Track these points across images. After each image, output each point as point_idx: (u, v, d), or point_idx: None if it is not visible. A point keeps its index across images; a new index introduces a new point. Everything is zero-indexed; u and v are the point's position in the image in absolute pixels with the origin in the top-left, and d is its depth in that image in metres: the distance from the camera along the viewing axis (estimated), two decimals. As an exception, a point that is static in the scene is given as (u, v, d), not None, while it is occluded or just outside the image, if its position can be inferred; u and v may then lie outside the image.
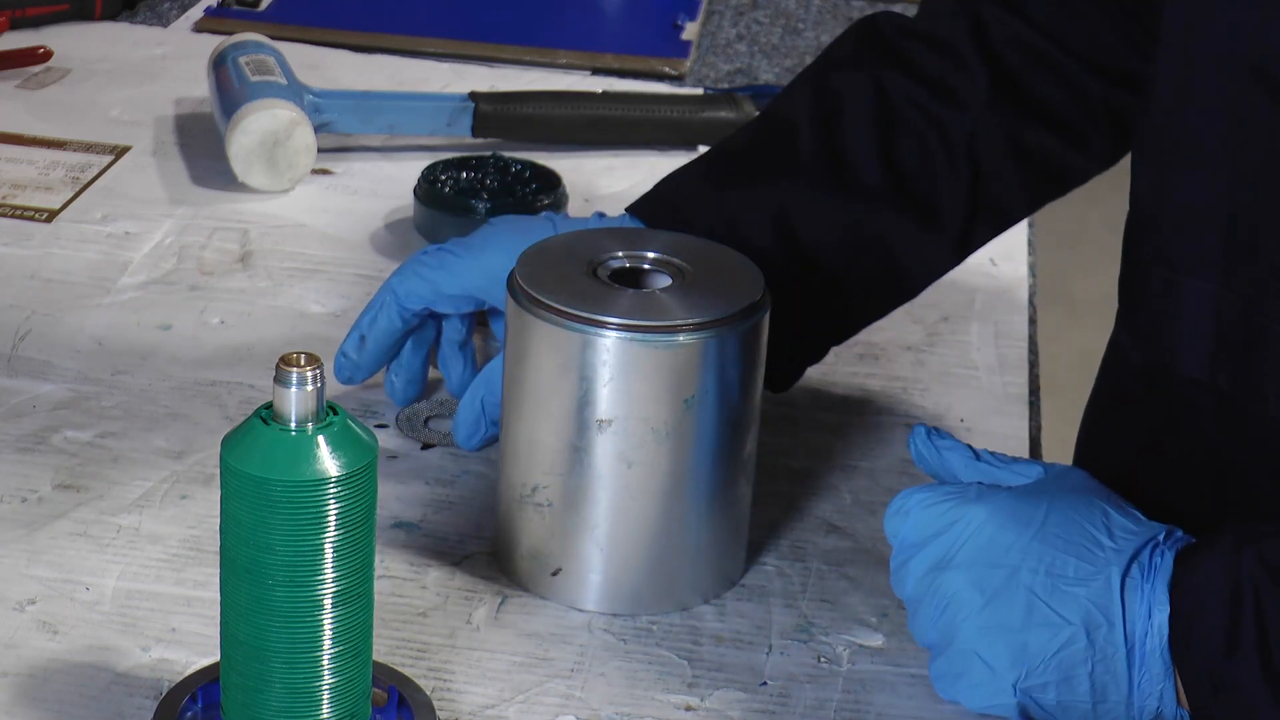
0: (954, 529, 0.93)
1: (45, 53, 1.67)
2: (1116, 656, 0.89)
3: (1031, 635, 0.90)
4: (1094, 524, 0.92)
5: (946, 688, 0.93)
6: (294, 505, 0.81)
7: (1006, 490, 0.94)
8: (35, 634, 0.97)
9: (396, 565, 1.04)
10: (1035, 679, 0.90)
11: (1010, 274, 1.41)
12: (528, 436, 1.01)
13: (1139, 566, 0.90)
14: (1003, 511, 0.92)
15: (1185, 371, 0.99)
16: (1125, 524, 0.92)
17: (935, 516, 0.94)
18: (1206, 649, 0.87)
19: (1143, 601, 0.89)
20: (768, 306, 1.01)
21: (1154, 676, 0.89)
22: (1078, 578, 0.90)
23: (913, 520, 0.94)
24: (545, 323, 0.98)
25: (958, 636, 0.92)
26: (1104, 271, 1.42)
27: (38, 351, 1.23)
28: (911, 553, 0.94)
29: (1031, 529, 0.92)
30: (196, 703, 0.90)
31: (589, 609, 1.01)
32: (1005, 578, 0.91)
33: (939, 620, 0.92)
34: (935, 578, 0.93)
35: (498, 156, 1.42)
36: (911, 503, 0.95)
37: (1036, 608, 0.90)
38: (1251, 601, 0.86)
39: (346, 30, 1.78)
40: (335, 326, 1.28)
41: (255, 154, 1.44)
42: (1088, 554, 0.91)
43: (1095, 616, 0.89)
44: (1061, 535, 0.91)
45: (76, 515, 1.06)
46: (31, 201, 1.43)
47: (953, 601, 0.92)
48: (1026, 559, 0.91)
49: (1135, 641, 0.89)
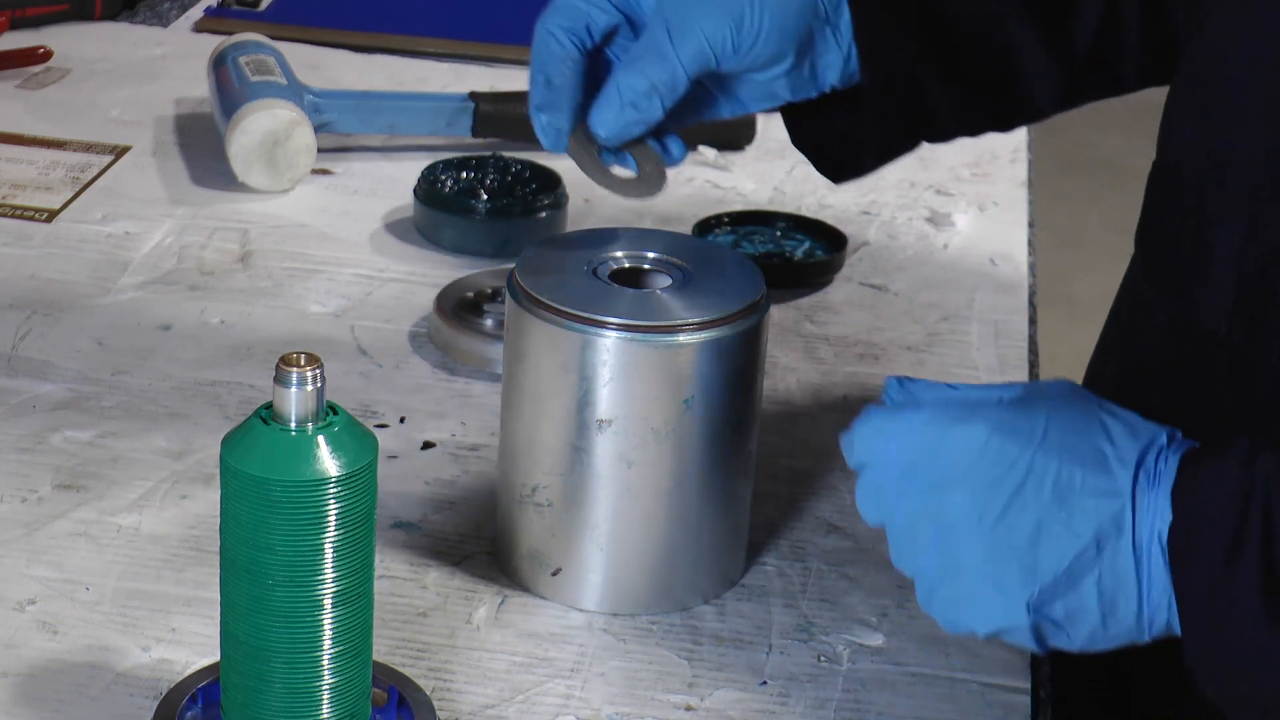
0: (947, 448, 0.88)
1: (45, 53, 1.67)
2: (1125, 565, 0.86)
3: (1042, 551, 0.86)
4: (1094, 431, 0.88)
5: (952, 616, 0.89)
6: (294, 505, 0.81)
7: (996, 404, 0.90)
8: (35, 634, 0.97)
9: (396, 565, 1.04)
10: (1045, 594, 0.86)
11: (1010, 274, 1.41)
12: (528, 436, 1.01)
13: (1145, 472, 0.86)
14: (1000, 427, 0.88)
15: (1205, 324, 0.98)
16: (1123, 429, 0.88)
17: (925, 437, 0.89)
18: (1206, 555, 0.84)
19: (1150, 508, 0.86)
20: (768, 306, 1.01)
21: (1161, 586, 0.85)
22: (1085, 488, 0.86)
23: (900, 441, 0.89)
24: (545, 323, 0.98)
25: (964, 560, 0.87)
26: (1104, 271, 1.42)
27: (38, 351, 1.23)
28: (896, 474, 0.89)
29: (1033, 442, 0.87)
30: (196, 703, 0.90)
31: (589, 609, 1.01)
32: (1010, 495, 0.87)
33: (938, 544, 0.88)
34: (931, 500, 0.88)
35: (498, 156, 1.42)
36: (897, 423, 0.90)
37: (1046, 524, 0.86)
38: (1260, 508, 0.83)
39: (346, 30, 1.78)
40: (335, 326, 1.28)
41: (255, 154, 1.44)
42: (1094, 463, 0.87)
43: (1106, 527, 0.86)
44: (1064, 445, 0.87)
45: (76, 515, 1.06)
46: (31, 201, 1.43)
47: (955, 524, 0.87)
48: (1031, 473, 0.87)
49: (1141, 549, 0.86)
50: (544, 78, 1.04)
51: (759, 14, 1.02)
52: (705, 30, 1.02)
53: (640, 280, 1.02)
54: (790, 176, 1.54)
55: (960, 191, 1.54)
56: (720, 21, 1.02)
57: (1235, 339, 0.96)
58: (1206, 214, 0.97)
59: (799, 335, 1.31)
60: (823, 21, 1.05)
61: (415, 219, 1.42)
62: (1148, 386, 1.03)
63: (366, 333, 1.27)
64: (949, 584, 0.89)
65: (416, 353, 1.25)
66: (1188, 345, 0.98)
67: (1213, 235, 0.97)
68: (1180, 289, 0.99)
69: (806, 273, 1.38)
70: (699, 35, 1.02)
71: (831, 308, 1.35)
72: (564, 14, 1.04)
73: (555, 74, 1.04)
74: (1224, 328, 0.96)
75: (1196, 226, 0.98)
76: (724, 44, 1.02)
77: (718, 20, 1.02)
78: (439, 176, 1.40)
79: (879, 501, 0.90)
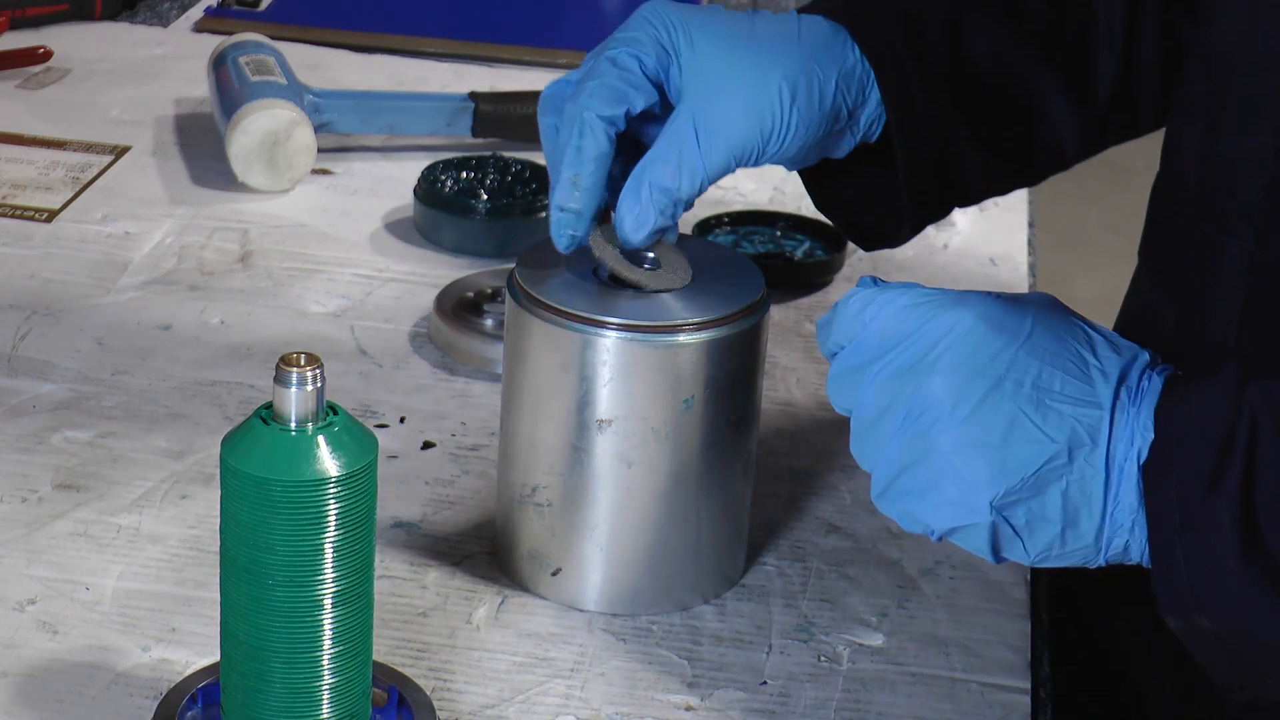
0: (929, 331, 0.85)
1: (45, 53, 1.67)
2: (1094, 479, 0.84)
3: (1012, 451, 0.84)
4: (1078, 340, 0.86)
5: (909, 507, 0.86)
6: (294, 505, 0.81)
7: (986, 294, 0.88)
8: (35, 634, 0.97)
9: (396, 565, 1.04)
10: (1010, 496, 0.84)
11: (1010, 274, 1.41)
12: (528, 436, 1.01)
13: (1127, 389, 0.85)
14: (987, 318, 0.86)
15: (1214, 336, 0.97)
16: (1106, 343, 0.86)
17: (908, 319, 0.86)
18: (1183, 481, 0.82)
19: (1128, 425, 0.84)
20: (768, 306, 1.01)
21: (1127, 507, 0.84)
22: (1064, 394, 0.84)
23: (880, 322, 0.87)
24: (545, 323, 0.98)
25: (931, 449, 0.85)
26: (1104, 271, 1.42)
27: (38, 351, 1.23)
28: (872, 356, 0.86)
29: (1019, 339, 0.85)
30: (196, 703, 0.90)
31: (589, 609, 1.01)
32: (988, 388, 0.84)
33: (906, 430, 0.85)
34: (905, 383, 0.85)
35: (498, 156, 1.43)
36: (879, 304, 0.87)
37: (1020, 423, 0.84)
38: (1246, 440, 0.81)
39: (346, 30, 1.78)
40: (335, 326, 1.28)
41: (255, 154, 1.44)
42: (1075, 370, 0.85)
43: (1080, 436, 0.84)
44: (1048, 348, 0.85)
45: (76, 515, 1.06)
46: (31, 201, 1.43)
47: (927, 410, 0.85)
48: (1012, 370, 0.84)
49: (1114, 465, 0.84)
50: (573, 174, 0.98)
51: (788, 115, 0.99)
52: (733, 136, 0.98)
53: (640, 280, 1.02)
54: (790, 176, 1.54)
55: (960, 191, 1.54)
56: (749, 126, 0.99)
57: (1244, 348, 0.96)
58: (1215, 222, 0.97)
59: (799, 335, 1.31)
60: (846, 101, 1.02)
61: (415, 219, 1.42)
62: None
63: (366, 333, 1.27)
64: (910, 474, 0.86)
65: (416, 353, 1.25)
66: (1196, 354, 0.98)
67: (1222, 244, 0.97)
68: (1188, 298, 0.99)
69: (806, 273, 1.38)
70: (726, 141, 0.98)
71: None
72: (605, 98, 0.98)
73: (586, 174, 0.98)
74: (1233, 337, 0.96)
75: (1205, 235, 0.98)
76: (751, 150, 0.99)
77: (747, 124, 0.99)
78: (439, 176, 1.40)
79: (850, 384, 0.88)
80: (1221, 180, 0.97)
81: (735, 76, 0.99)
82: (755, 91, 0.99)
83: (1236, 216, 0.96)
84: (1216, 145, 0.98)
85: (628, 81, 0.99)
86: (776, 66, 0.99)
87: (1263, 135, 0.94)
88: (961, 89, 1.06)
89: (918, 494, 0.85)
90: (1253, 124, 0.95)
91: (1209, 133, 0.99)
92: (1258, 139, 0.94)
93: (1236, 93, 0.97)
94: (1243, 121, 0.96)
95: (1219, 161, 0.98)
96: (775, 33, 1.01)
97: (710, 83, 0.99)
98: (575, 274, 1.00)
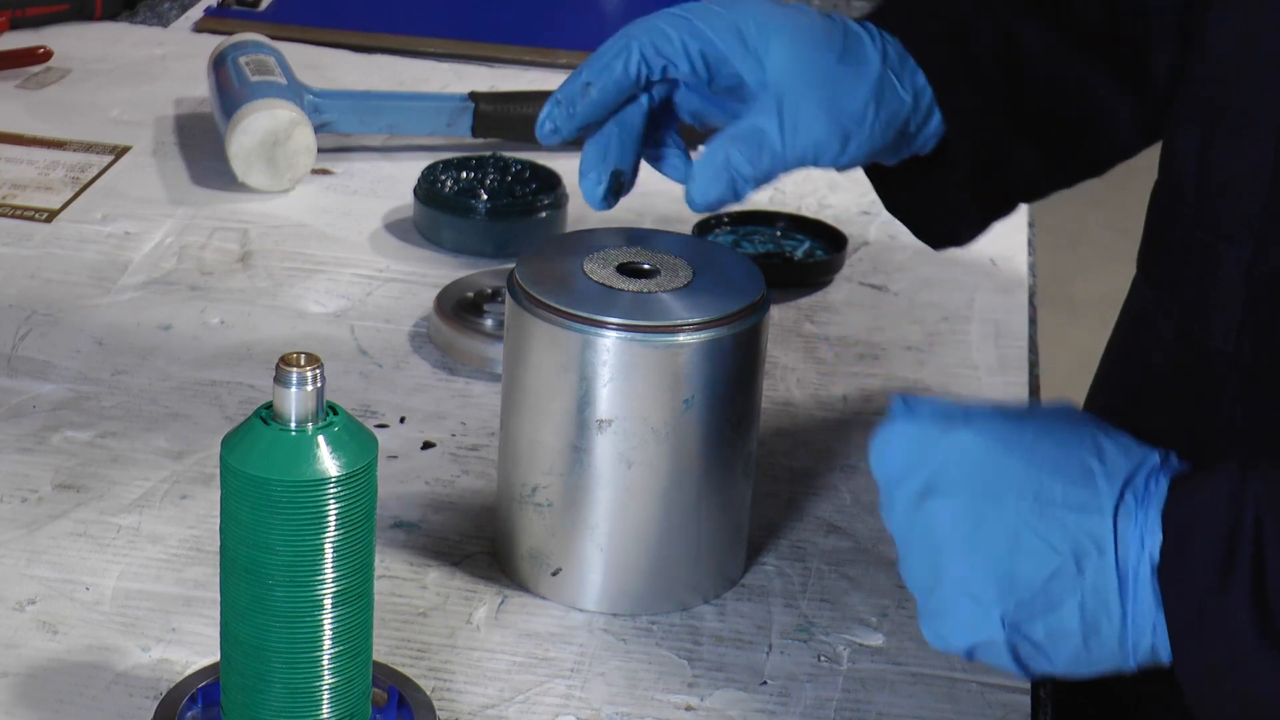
0: (935, 457, 0.87)
1: (45, 53, 1.67)
2: (1107, 587, 0.84)
3: (1019, 564, 0.85)
4: (1084, 448, 0.86)
5: (936, 629, 0.88)
6: (294, 505, 0.81)
7: (991, 411, 0.89)
8: (35, 634, 0.97)
9: (396, 565, 1.04)
10: (1023, 612, 0.85)
11: (1010, 274, 1.41)
12: (528, 436, 1.01)
13: (1133, 492, 0.85)
14: (987, 435, 0.87)
15: (1214, 344, 0.97)
16: (1116, 449, 0.87)
17: (918, 445, 0.88)
18: (1197, 580, 0.83)
19: (1135, 529, 0.84)
20: (768, 306, 1.01)
21: (1146, 608, 0.84)
22: (1067, 503, 0.85)
23: (894, 450, 0.89)
24: (545, 323, 0.98)
25: (945, 571, 0.86)
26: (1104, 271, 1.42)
27: (38, 351, 1.23)
28: (894, 485, 0.88)
29: (1018, 452, 0.86)
30: (196, 703, 0.90)
31: (589, 609, 1.01)
32: (991, 506, 0.86)
33: (927, 557, 0.87)
34: (919, 510, 0.87)
35: (498, 156, 1.43)
36: (893, 433, 0.89)
37: (1024, 536, 0.85)
38: (1251, 533, 0.82)
39: (346, 30, 1.78)
40: (335, 326, 1.28)
41: (255, 154, 1.44)
42: (1078, 478, 0.85)
43: (1085, 544, 0.84)
44: (1050, 458, 0.86)
45: (76, 515, 1.06)
46: (31, 201, 1.43)
47: (939, 534, 0.86)
48: (1013, 484, 0.86)
49: (1127, 570, 0.84)
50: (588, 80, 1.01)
51: (871, 124, 1.02)
52: (817, 136, 1.01)
53: (640, 280, 1.02)
54: (790, 176, 1.54)
55: (960, 191, 1.54)
56: (832, 133, 1.01)
57: (1244, 355, 0.96)
58: (1213, 231, 0.97)
59: (799, 335, 1.31)
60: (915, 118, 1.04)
61: (415, 219, 1.42)
62: (1154, 403, 1.03)
63: (366, 333, 1.27)
64: (933, 596, 0.87)
65: (416, 353, 1.25)
66: (1194, 361, 0.98)
67: (1220, 252, 0.97)
68: (1186, 306, 0.99)
69: (806, 273, 1.38)
70: (810, 140, 1.01)
71: (831, 308, 1.35)
72: (657, 44, 1.01)
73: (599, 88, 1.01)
74: (1232, 345, 0.96)
75: (1203, 244, 0.98)
76: (829, 154, 1.02)
77: (830, 130, 1.01)
78: (439, 176, 1.40)
79: (887, 514, 0.90)
80: (1219, 191, 0.97)
81: (828, 80, 1.01)
82: (847, 97, 1.01)
83: (1234, 226, 0.96)
84: (1213, 156, 0.98)
85: (686, 48, 1.01)
86: (867, 75, 1.02)
87: (1260, 148, 0.94)
88: (1016, 92, 1.07)
89: (939, 615, 0.87)
90: (1249, 136, 0.95)
91: (1205, 143, 0.99)
92: (1254, 151, 0.94)
93: (1232, 104, 0.97)
94: (1239, 133, 0.96)
95: (1216, 172, 0.97)
96: (861, 41, 1.03)
97: (803, 79, 1.01)
98: (575, 274, 1.00)
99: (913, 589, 0.89)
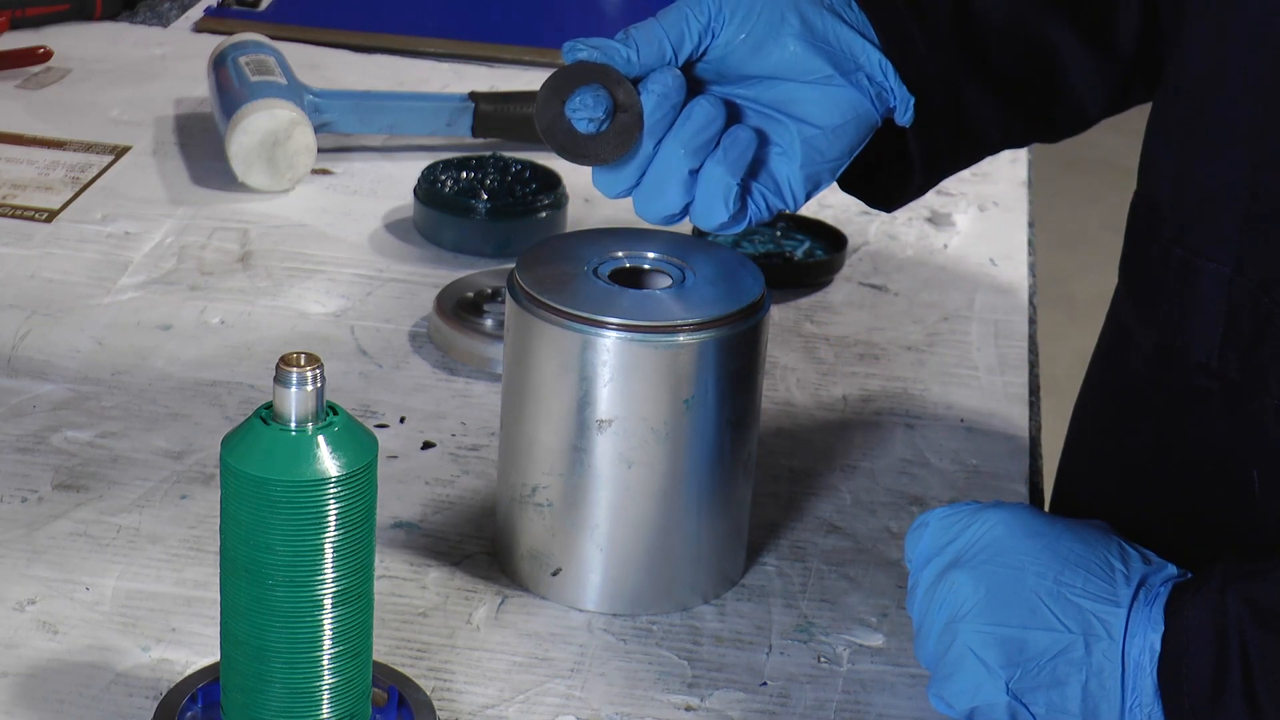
0: (966, 535, 0.92)
1: (45, 53, 1.67)
2: (1111, 672, 0.88)
3: (1030, 636, 0.89)
4: (1108, 549, 0.91)
5: (938, 693, 0.91)
6: (294, 505, 0.81)
7: (1021, 508, 0.93)
8: (35, 634, 0.97)
9: (396, 565, 1.04)
10: (1028, 681, 0.89)
11: (1010, 274, 1.41)
12: (528, 436, 1.01)
13: (1146, 590, 0.89)
14: (1017, 519, 0.91)
15: (1195, 357, 0.98)
16: (1138, 557, 0.91)
17: (949, 527, 0.92)
18: (1194, 690, 0.86)
19: (1142, 623, 0.88)
20: (768, 306, 1.01)
21: (1145, 699, 0.88)
22: (1086, 590, 0.89)
23: (929, 532, 0.93)
24: (545, 323, 0.98)
25: (957, 636, 0.90)
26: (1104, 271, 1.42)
27: (38, 351, 1.23)
28: (920, 566, 0.93)
29: (1044, 540, 0.91)
30: (196, 703, 0.90)
31: (589, 609, 1.01)
32: (1010, 576, 0.90)
33: (941, 625, 0.91)
34: (943, 583, 0.91)
35: (498, 156, 1.43)
36: (928, 518, 0.94)
37: (1039, 610, 0.89)
38: (1237, 645, 0.86)
39: (346, 30, 1.78)
40: (335, 326, 1.28)
41: (255, 154, 1.44)
42: (1100, 571, 0.90)
43: (1096, 628, 0.88)
44: (1075, 552, 0.90)
45: (76, 515, 1.06)
46: (31, 201, 1.43)
47: (956, 602, 0.90)
48: (1035, 562, 0.90)
49: (1130, 660, 0.88)
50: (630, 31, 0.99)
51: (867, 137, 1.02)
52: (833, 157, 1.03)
53: (640, 280, 1.02)
54: (790, 176, 1.54)
55: (960, 191, 1.54)
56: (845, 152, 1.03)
57: (1227, 369, 0.96)
58: (1192, 245, 0.97)
59: (799, 335, 1.31)
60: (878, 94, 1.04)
61: (415, 219, 1.42)
62: (1136, 416, 1.03)
63: (366, 333, 1.27)
64: (943, 662, 0.91)
65: (416, 353, 1.25)
66: (1176, 375, 0.99)
67: (1200, 266, 0.97)
68: (1167, 319, 0.99)
69: (806, 273, 1.38)
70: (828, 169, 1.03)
71: (831, 308, 1.35)
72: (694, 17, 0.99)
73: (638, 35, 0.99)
74: (1214, 358, 0.96)
75: (1182, 258, 0.98)
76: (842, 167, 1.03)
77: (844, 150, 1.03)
78: (439, 176, 1.40)
79: (911, 596, 0.93)
80: (1197, 207, 0.98)
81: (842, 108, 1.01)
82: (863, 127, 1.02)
83: (1213, 242, 0.96)
84: (1191, 172, 0.98)
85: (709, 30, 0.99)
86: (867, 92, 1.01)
87: (1237, 165, 0.94)
88: (967, 29, 1.06)
89: (945, 678, 0.91)
90: (1226, 153, 0.95)
91: (1183, 159, 0.99)
92: (1232, 168, 0.95)
93: (1209, 121, 0.97)
94: (1216, 150, 0.96)
95: (1194, 189, 0.98)
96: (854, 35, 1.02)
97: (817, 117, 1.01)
98: (575, 274, 1.00)
99: (925, 663, 0.93)
